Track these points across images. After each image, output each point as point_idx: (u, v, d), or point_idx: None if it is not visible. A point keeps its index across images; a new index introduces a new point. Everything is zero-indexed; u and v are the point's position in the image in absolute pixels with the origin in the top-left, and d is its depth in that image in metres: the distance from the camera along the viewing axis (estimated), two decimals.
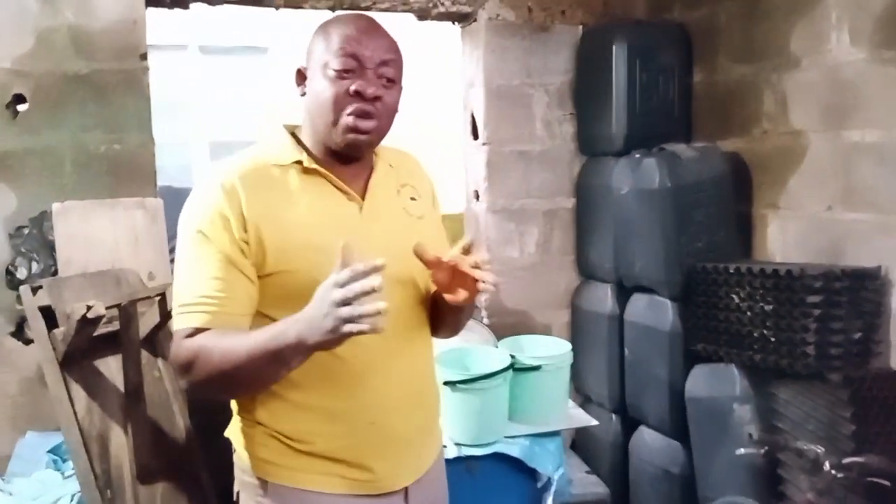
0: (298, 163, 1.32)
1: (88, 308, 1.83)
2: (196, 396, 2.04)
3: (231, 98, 7.88)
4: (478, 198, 3.24)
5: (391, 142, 1.44)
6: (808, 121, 2.54)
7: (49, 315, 2.05)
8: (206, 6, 2.85)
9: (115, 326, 2.03)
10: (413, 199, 1.44)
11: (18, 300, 2.30)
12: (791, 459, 2.25)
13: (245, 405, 1.35)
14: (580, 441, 3.24)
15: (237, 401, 1.37)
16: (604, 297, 3.06)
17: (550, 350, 2.48)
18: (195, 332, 1.22)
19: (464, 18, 3.18)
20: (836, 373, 2.18)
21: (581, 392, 3.21)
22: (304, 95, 1.34)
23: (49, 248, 2.46)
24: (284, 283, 1.26)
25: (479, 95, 3.16)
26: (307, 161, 1.32)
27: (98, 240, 2.39)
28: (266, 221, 1.25)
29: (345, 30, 1.29)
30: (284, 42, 7.41)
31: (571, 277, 3.31)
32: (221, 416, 1.43)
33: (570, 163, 3.26)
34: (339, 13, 1.47)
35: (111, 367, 2.13)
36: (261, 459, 1.33)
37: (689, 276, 2.62)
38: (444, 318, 1.45)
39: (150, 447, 2.07)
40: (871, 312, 2.26)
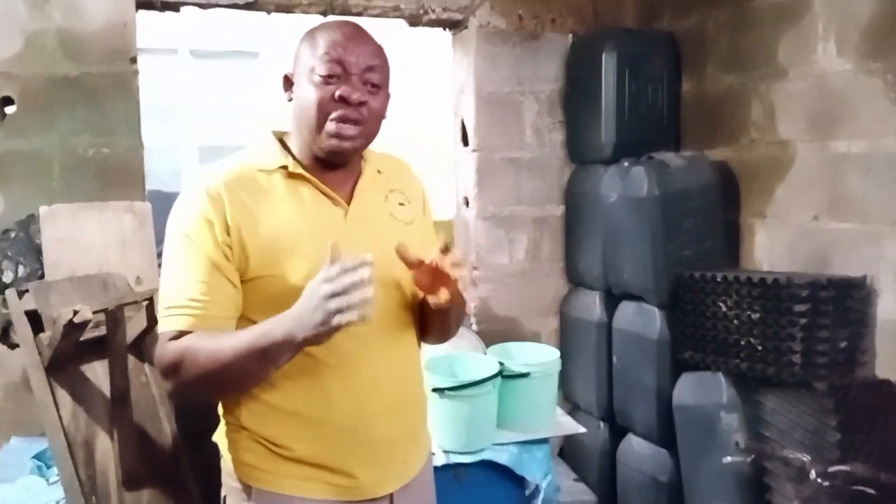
0: (284, 168, 1.32)
1: (75, 312, 1.82)
2: (180, 400, 2.01)
3: (221, 102, 7.87)
4: (467, 204, 3.25)
5: (380, 147, 1.44)
6: (796, 130, 2.56)
7: (35, 319, 2.04)
8: (198, 10, 2.85)
9: (102, 331, 2.02)
10: (402, 205, 1.44)
11: (4, 304, 2.28)
12: (777, 468, 2.26)
13: (230, 409, 1.34)
14: (568, 448, 3.25)
15: (223, 405, 1.36)
16: (592, 305, 3.07)
17: (539, 357, 2.48)
18: (180, 335, 1.22)
19: (455, 25, 3.19)
20: (822, 381, 2.19)
21: (569, 399, 3.21)
22: (291, 101, 1.35)
23: (36, 252, 2.44)
24: (267, 288, 1.26)
25: (470, 102, 3.17)
26: (292, 166, 1.32)
27: (85, 244, 2.38)
28: (249, 226, 1.25)
29: (331, 36, 1.30)
30: (275, 47, 7.41)
31: (560, 285, 3.32)
32: (208, 421, 1.42)
33: (560, 170, 3.27)
34: (328, 19, 1.48)
35: (97, 373, 2.11)
36: (245, 464, 1.33)
37: (677, 284, 2.63)
38: (432, 323, 1.45)
39: (137, 453, 2.05)
40: (857, 321, 2.27)
